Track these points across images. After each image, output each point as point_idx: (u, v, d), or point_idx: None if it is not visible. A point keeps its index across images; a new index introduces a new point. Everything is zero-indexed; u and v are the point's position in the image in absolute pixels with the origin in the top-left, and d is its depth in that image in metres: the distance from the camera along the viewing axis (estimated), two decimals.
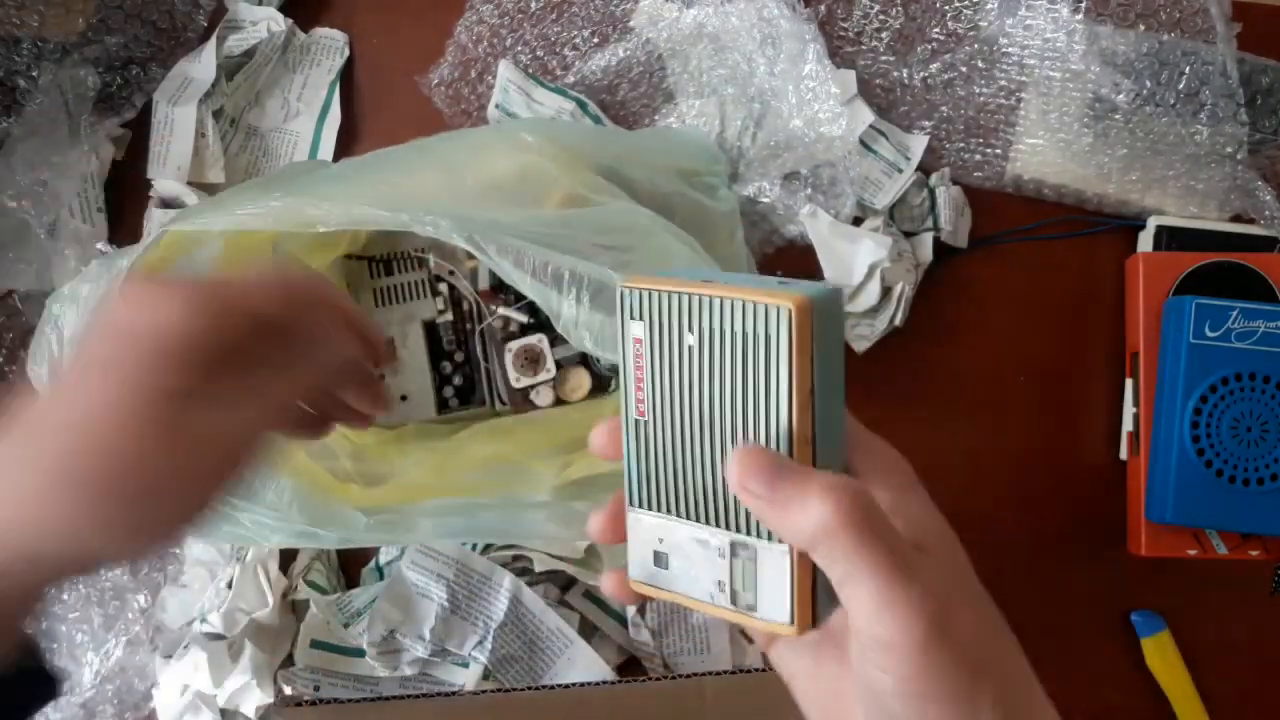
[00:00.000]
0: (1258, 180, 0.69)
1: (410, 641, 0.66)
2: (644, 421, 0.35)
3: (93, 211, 0.70)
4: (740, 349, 0.32)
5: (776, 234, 0.72)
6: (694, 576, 0.35)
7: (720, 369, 0.33)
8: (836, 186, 0.70)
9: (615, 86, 0.73)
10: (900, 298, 0.68)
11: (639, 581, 0.36)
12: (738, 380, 0.33)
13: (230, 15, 0.72)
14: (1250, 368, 0.65)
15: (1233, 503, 0.65)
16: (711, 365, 0.33)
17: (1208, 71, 0.69)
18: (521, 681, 0.67)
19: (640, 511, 0.35)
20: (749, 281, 0.33)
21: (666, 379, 0.34)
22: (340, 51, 0.74)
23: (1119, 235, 0.73)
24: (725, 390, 0.33)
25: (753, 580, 0.34)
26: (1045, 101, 0.71)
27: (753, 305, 0.32)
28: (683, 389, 0.34)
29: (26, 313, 0.69)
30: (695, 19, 0.72)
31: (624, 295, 0.34)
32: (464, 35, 0.73)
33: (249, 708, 0.66)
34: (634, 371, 0.34)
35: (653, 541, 0.35)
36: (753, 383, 0.32)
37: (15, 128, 0.68)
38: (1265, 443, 0.65)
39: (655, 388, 0.34)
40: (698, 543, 0.34)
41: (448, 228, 0.46)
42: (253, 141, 0.74)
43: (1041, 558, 0.72)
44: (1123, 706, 0.71)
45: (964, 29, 0.72)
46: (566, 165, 0.56)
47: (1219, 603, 0.71)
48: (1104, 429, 0.72)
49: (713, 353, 0.33)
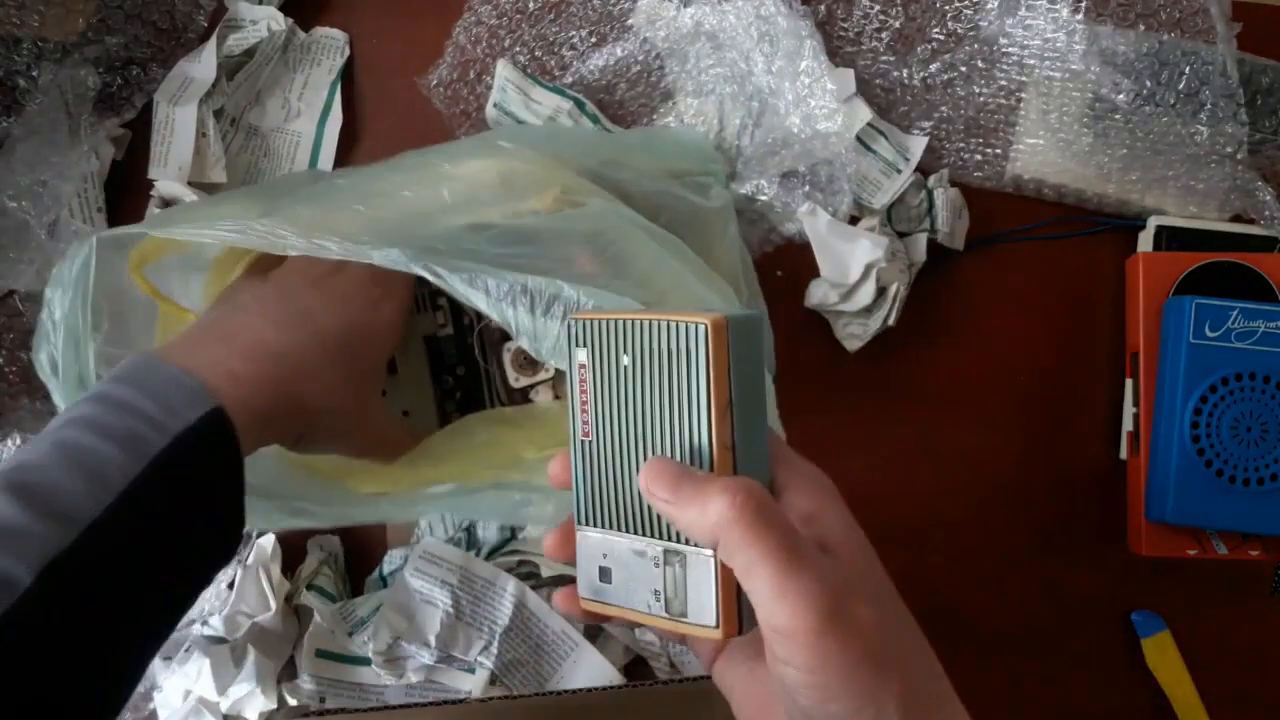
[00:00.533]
0: (1258, 180, 0.69)
1: (416, 648, 0.66)
2: (589, 442, 0.37)
3: (93, 211, 0.70)
4: (667, 366, 0.35)
5: (775, 232, 0.72)
6: (633, 589, 0.37)
7: (652, 386, 0.36)
8: (834, 184, 0.70)
9: (613, 86, 0.73)
10: (894, 298, 0.68)
11: (587, 599, 0.38)
12: (667, 395, 0.35)
13: (230, 15, 0.72)
14: (1250, 368, 0.65)
15: (1233, 503, 0.65)
16: (644, 383, 0.36)
17: (1208, 71, 0.69)
18: (528, 686, 0.67)
19: (587, 529, 0.38)
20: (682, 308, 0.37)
21: (607, 400, 0.37)
22: (341, 51, 0.74)
23: (1119, 235, 0.73)
24: (657, 405, 0.36)
25: (683, 586, 0.36)
26: (1045, 101, 0.71)
27: (674, 324, 0.35)
28: (621, 407, 0.36)
29: (27, 313, 0.69)
30: (693, 17, 0.72)
31: (570, 326, 0.38)
32: (462, 36, 0.73)
33: (252, 713, 0.66)
34: (580, 396, 0.37)
35: (598, 557, 0.37)
36: (679, 396, 0.35)
37: (15, 128, 0.68)
38: (1265, 443, 0.65)
39: (598, 409, 0.37)
40: (635, 554, 0.36)
41: (402, 258, 0.47)
42: (254, 141, 0.74)
43: (1041, 558, 0.72)
44: (1123, 706, 0.71)
45: (964, 29, 0.72)
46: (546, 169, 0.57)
47: (1219, 603, 0.71)
48: (1104, 429, 0.72)
49: (645, 371, 0.36)
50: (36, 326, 0.54)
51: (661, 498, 0.34)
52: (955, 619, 0.71)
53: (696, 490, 0.33)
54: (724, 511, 0.32)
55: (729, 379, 0.35)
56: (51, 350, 0.53)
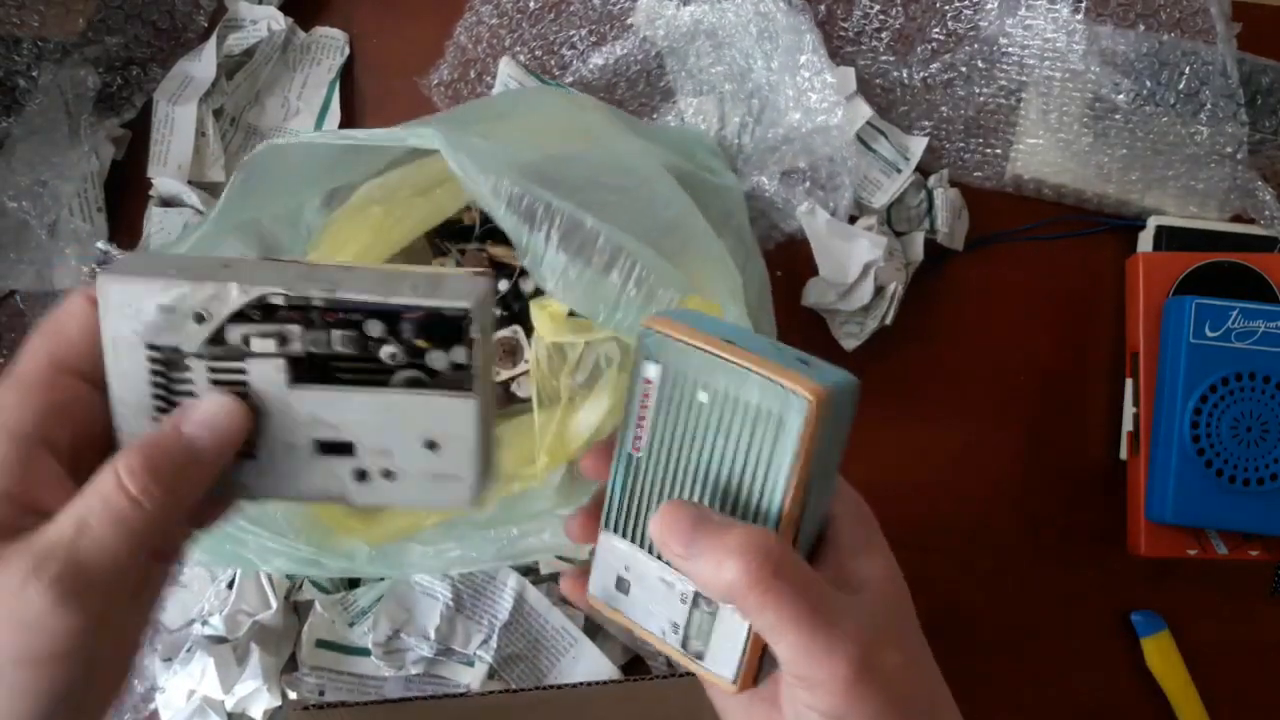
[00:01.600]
0: (1258, 180, 0.69)
1: (415, 640, 0.66)
2: (638, 458, 0.35)
3: (93, 211, 0.70)
4: (751, 421, 0.33)
5: (776, 229, 0.72)
6: (651, 611, 0.35)
7: (726, 435, 0.33)
8: (835, 180, 0.70)
9: (613, 85, 0.73)
10: (892, 297, 0.68)
11: (596, 598, 0.37)
12: (740, 450, 0.33)
13: (230, 14, 0.72)
14: (1250, 368, 0.65)
15: (1233, 503, 0.65)
16: (718, 428, 0.33)
17: (1208, 71, 0.69)
18: (527, 680, 0.67)
19: (614, 536, 0.36)
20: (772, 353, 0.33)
21: (670, 427, 0.34)
22: (340, 51, 0.74)
23: (1119, 235, 0.73)
24: (726, 455, 0.33)
25: (707, 634, 0.34)
26: (1045, 101, 0.71)
27: (774, 385, 0.32)
28: (684, 441, 0.34)
29: (28, 313, 0.69)
30: (692, 16, 0.72)
31: (644, 335, 0.35)
32: (463, 36, 0.73)
33: (257, 711, 0.66)
34: (638, 409, 0.35)
35: (619, 566, 0.36)
36: (755, 457, 0.33)
37: (15, 128, 0.68)
38: (1265, 443, 0.65)
39: (656, 431, 0.35)
40: (663, 582, 0.35)
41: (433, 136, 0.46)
42: (253, 140, 0.74)
43: (1042, 558, 0.72)
44: (1123, 706, 0.71)
45: (964, 29, 0.72)
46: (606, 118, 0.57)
47: (1219, 603, 0.71)
48: (1104, 429, 0.72)
49: (722, 416, 0.33)
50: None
51: (675, 551, 0.32)
52: (955, 619, 0.71)
53: (711, 544, 0.31)
54: (739, 576, 0.31)
55: (814, 455, 0.32)
56: None
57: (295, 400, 0.33)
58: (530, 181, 0.46)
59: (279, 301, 0.32)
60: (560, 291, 0.47)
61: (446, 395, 0.33)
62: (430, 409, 0.34)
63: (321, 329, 0.33)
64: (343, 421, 0.34)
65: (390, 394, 0.33)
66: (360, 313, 0.33)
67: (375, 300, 0.32)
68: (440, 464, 0.34)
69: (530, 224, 0.46)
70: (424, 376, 0.33)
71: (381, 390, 0.33)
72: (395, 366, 0.33)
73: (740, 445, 0.33)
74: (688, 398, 0.34)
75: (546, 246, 0.46)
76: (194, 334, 0.32)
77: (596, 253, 0.46)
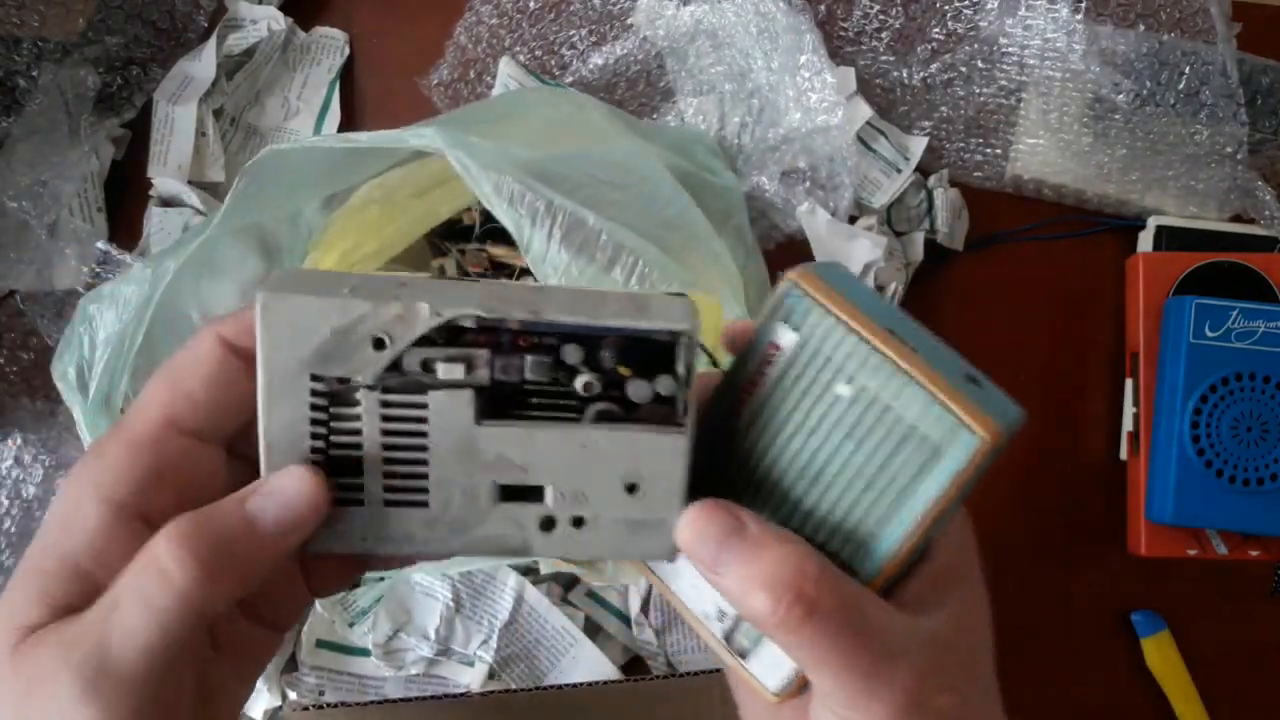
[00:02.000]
0: (1258, 180, 0.70)
1: (415, 641, 0.66)
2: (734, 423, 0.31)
3: (93, 211, 0.70)
4: (897, 439, 0.29)
5: (776, 229, 0.72)
6: (699, 589, 0.32)
7: (858, 442, 0.29)
8: (835, 179, 0.70)
9: (613, 85, 0.73)
10: (892, 297, 0.69)
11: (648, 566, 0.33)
12: (870, 465, 0.29)
13: (230, 14, 0.72)
14: (1250, 368, 0.65)
15: (1233, 503, 0.65)
16: (850, 431, 0.29)
17: (1208, 71, 0.69)
18: (527, 680, 0.67)
19: None
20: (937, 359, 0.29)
21: (786, 408, 0.30)
22: (340, 50, 0.74)
23: (1119, 235, 0.73)
24: (847, 464, 0.29)
25: (758, 635, 0.31)
26: (1045, 101, 0.71)
27: (943, 410, 0.28)
28: (798, 430, 0.30)
29: (27, 313, 0.69)
30: (692, 15, 0.72)
31: (786, 292, 0.30)
32: (463, 36, 0.73)
33: (256, 711, 0.66)
34: (752, 371, 0.30)
35: None
36: (887, 479, 0.29)
37: (15, 128, 0.68)
38: (1265, 443, 0.65)
39: (768, 406, 0.30)
40: None
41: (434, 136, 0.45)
42: (253, 140, 0.74)
43: (1041, 558, 0.72)
44: (1123, 706, 0.71)
45: (964, 29, 0.72)
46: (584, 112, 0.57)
47: (1219, 603, 0.71)
48: (1104, 429, 0.72)
49: (860, 419, 0.29)
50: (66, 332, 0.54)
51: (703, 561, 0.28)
52: None
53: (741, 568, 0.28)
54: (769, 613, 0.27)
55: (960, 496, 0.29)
56: (82, 364, 0.52)
57: (482, 438, 0.29)
58: (532, 179, 0.46)
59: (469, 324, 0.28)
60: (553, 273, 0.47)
61: (653, 431, 0.29)
62: (634, 447, 0.29)
63: (513, 354, 0.28)
64: (533, 462, 0.29)
65: (588, 430, 0.29)
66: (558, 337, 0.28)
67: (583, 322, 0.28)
68: (639, 509, 0.30)
69: (532, 221, 0.45)
70: (618, 410, 0.29)
71: (576, 426, 0.29)
72: (590, 398, 0.29)
73: (872, 460, 0.29)
74: (822, 384, 0.29)
75: (549, 244, 0.46)
76: (370, 362, 0.28)
77: (598, 250, 0.46)
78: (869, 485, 0.29)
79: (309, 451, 0.28)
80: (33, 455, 0.68)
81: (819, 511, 0.30)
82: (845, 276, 0.31)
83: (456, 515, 0.29)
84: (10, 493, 0.67)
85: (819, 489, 0.30)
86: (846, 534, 0.29)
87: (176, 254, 0.53)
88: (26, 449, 0.68)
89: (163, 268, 0.52)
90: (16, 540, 0.67)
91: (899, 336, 0.29)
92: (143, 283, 0.52)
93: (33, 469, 0.68)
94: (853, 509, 0.29)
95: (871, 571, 0.29)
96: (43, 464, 0.68)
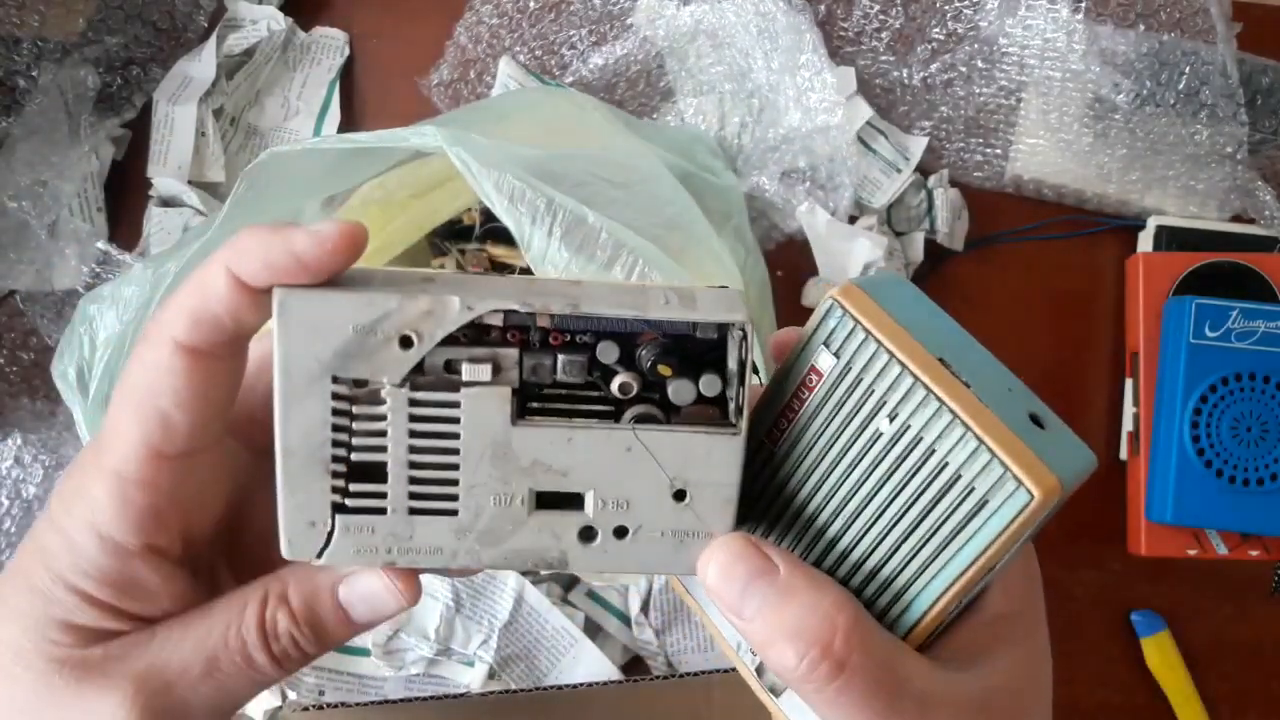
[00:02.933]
0: (1258, 180, 0.70)
1: (415, 641, 0.66)
2: (770, 450, 0.29)
3: (93, 211, 0.70)
4: (942, 485, 0.26)
5: (776, 229, 0.72)
6: None
7: (899, 485, 0.27)
8: (835, 180, 0.70)
9: (613, 85, 0.73)
10: None
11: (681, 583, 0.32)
12: (912, 510, 0.27)
13: (230, 14, 0.72)
14: (1250, 368, 0.65)
15: (1233, 503, 0.65)
16: (889, 470, 0.27)
17: (1208, 71, 0.69)
18: (526, 680, 0.67)
19: None
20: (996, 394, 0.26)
21: (823, 437, 0.28)
22: (340, 51, 0.74)
23: (1119, 235, 0.73)
24: (886, 505, 0.27)
25: None
26: (1045, 101, 0.71)
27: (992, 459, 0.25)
28: (838, 461, 0.28)
29: (27, 313, 0.69)
30: (692, 16, 0.72)
31: (828, 312, 0.28)
32: (464, 36, 0.73)
33: (256, 711, 0.66)
34: (791, 395, 0.28)
35: None
36: (930, 523, 0.27)
37: (15, 128, 0.68)
38: (1265, 443, 0.65)
39: (805, 433, 0.28)
40: None
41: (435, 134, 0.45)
42: (253, 140, 0.74)
43: (1041, 558, 0.71)
44: (1123, 706, 0.71)
45: (964, 29, 0.72)
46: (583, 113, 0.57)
47: (1219, 603, 0.71)
48: (1104, 429, 0.72)
49: (902, 460, 0.27)
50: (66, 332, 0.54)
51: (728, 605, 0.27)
52: None
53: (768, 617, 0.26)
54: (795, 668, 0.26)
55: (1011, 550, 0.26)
56: (82, 364, 0.52)
57: (517, 440, 0.27)
58: (532, 177, 0.46)
59: (497, 321, 0.26)
60: None
61: (706, 433, 0.27)
62: (685, 450, 0.27)
63: (545, 353, 0.26)
64: (573, 466, 0.27)
65: (634, 432, 0.27)
66: (594, 334, 0.26)
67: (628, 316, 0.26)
68: (688, 519, 0.28)
69: (532, 219, 0.45)
70: (657, 413, 0.27)
71: (621, 427, 0.27)
72: (627, 400, 0.27)
73: (915, 505, 0.27)
74: (864, 416, 0.27)
75: (548, 242, 0.46)
76: (397, 362, 0.26)
77: (598, 249, 0.46)
78: (909, 531, 0.27)
79: (330, 459, 0.26)
80: (33, 455, 0.68)
81: (855, 553, 0.28)
82: (898, 292, 0.28)
83: (488, 525, 0.27)
84: (10, 493, 0.67)
85: (856, 529, 0.28)
86: (884, 581, 0.27)
87: (177, 255, 0.53)
88: (26, 449, 0.68)
89: (163, 269, 0.52)
90: (16, 540, 0.67)
91: (951, 367, 0.26)
92: (143, 283, 0.52)
93: (33, 469, 0.68)
94: (891, 555, 0.27)
95: (909, 623, 0.28)
96: (43, 464, 0.68)
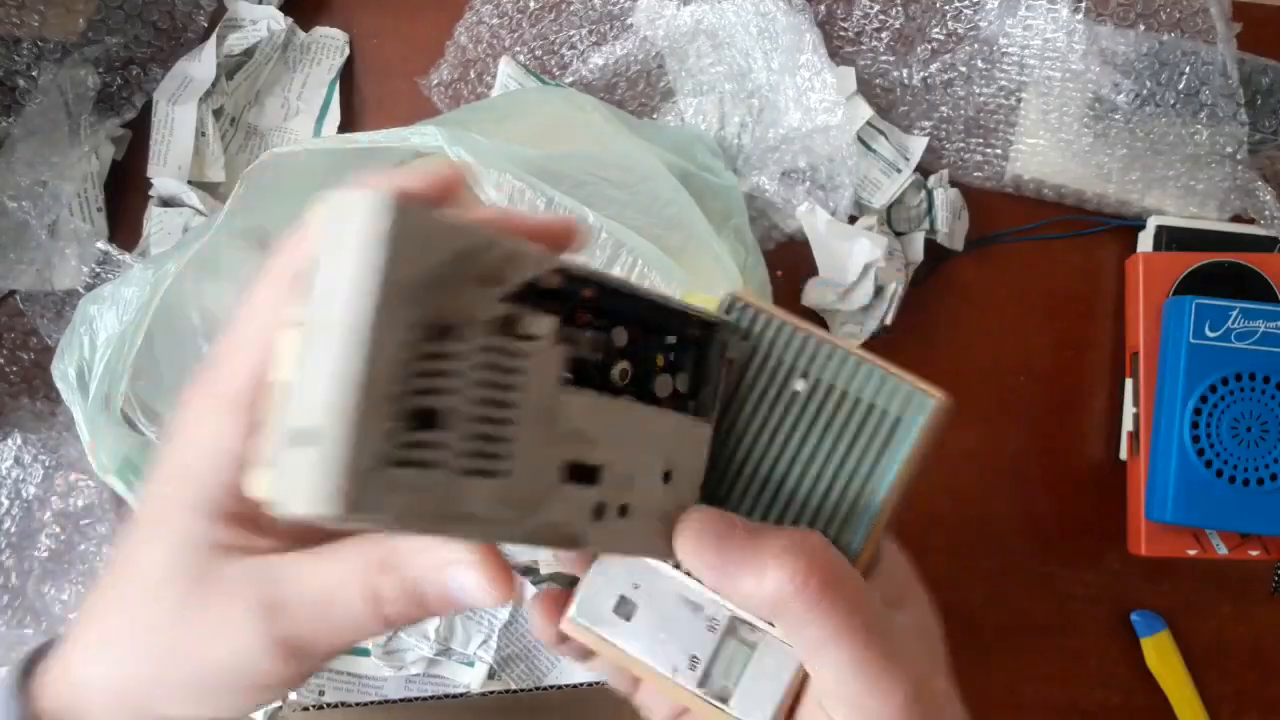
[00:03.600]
0: (1258, 180, 0.70)
1: (415, 641, 0.66)
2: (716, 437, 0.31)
3: (93, 211, 0.70)
4: (859, 419, 0.30)
5: (775, 229, 0.72)
6: (659, 640, 0.30)
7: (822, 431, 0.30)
8: (835, 180, 0.70)
9: (613, 85, 0.73)
10: (891, 297, 0.69)
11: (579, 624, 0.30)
12: (838, 450, 0.30)
13: (230, 14, 0.72)
14: (1250, 368, 0.65)
15: (1233, 503, 0.65)
16: (812, 422, 0.30)
17: (1208, 71, 0.69)
18: (526, 680, 0.67)
19: None
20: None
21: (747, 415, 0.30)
22: (340, 51, 0.74)
23: (1119, 235, 0.73)
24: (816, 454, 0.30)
25: (739, 671, 0.30)
26: (1045, 101, 0.71)
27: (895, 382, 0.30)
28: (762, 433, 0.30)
29: (28, 313, 0.69)
30: (692, 15, 0.72)
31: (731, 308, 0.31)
32: (464, 36, 0.73)
33: (257, 711, 0.66)
34: None
35: (624, 584, 0.30)
36: (855, 459, 0.30)
37: (15, 128, 0.68)
38: (1265, 443, 0.65)
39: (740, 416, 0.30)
40: (686, 605, 0.30)
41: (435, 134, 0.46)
42: (253, 140, 0.74)
43: (1042, 558, 0.72)
44: (1123, 706, 0.71)
45: (964, 29, 0.72)
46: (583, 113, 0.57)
47: (1219, 603, 0.71)
48: (1104, 429, 0.72)
49: (820, 409, 0.30)
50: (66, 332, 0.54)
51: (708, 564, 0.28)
52: (955, 619, 0.71)
53: (749, 553, 0.28)
54: (785, 581, 0.27)
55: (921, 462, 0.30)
56: (82, 365, 0.53)
57: (564, 407, 0.26)
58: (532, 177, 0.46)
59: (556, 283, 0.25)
60: None
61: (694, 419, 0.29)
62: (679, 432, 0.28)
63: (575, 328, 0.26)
64: (603, 438, 0.27)
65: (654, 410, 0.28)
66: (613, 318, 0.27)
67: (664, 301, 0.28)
68: (668, 501, 0.28)
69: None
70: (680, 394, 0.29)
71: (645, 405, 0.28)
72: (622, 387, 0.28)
73: (839, 445, 0.30)
74: (777, 383, 0.30)
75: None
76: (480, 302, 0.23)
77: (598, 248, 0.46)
78: (838, 470, 0.30)
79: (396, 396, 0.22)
80: (33, 455, 0.68)
81: (799, 504, 0.30)
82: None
83: (526, 493, 0.25)
84: (10, 493, 0.67)
85: (799, 484, 0.30)
86: (829, 515, 0.30)
87: (177, 256, 0.53)
88: (26, 449, 0.68)
89: (163, 269, 0.52)
90: (17, 540, 0.67)
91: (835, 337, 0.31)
92: (143, 284, 0.52)
93: (33, 469, 0.68)
94: (831, 491, 0.30)
95: (858, 548, 0.30)
96: (43, 464, 0.68)
